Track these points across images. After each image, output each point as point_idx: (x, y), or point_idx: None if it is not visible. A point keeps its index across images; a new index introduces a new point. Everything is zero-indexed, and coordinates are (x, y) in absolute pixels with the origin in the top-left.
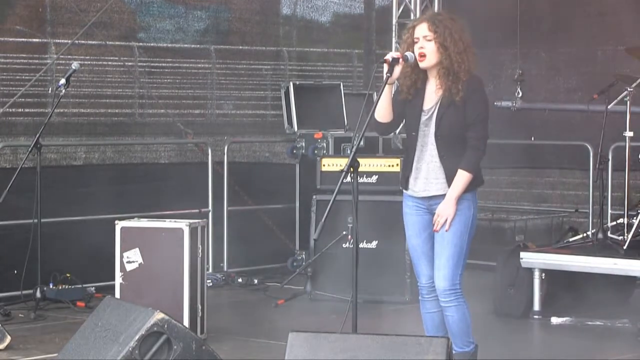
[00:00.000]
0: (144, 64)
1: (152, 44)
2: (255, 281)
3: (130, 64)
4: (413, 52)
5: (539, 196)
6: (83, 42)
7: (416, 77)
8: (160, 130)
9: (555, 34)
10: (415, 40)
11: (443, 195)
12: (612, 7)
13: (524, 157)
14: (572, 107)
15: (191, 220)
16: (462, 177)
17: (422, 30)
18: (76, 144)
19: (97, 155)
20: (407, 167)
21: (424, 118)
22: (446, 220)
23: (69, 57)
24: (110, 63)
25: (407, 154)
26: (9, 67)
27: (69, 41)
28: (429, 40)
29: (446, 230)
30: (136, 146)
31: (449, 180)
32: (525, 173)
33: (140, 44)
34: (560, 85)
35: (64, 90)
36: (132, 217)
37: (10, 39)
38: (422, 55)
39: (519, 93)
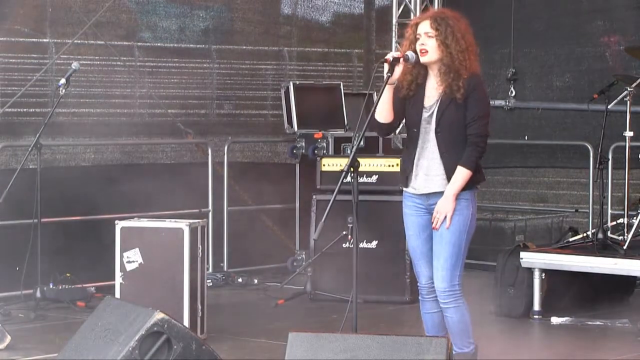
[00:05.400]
0: (146, 64)
1: (153, 44)
2: (255, 281)
3: (131, 63)
4: (415, 48)
5: (537, 196)
6: (84, 42)
7: (417, 74)
8: (161, 130)
9: (549, 32)
10: (418, 36)
11: (442, 193)
12: (607, 6)
13: (521, 157)
14: (565, 106)
15: (191, 220)
16: (461, 174)
17: (425, 27)
18: (75, 144)
19: (101, 156)
20: (407, 164)
21: (425, 115)
22: (445, 217)
23: (70, 57)
24: (112, 63)
25: (408, 151)
26: (9, 67)
27: (70, 41)
28: (431, 37)
29: (446, 228)
30: (137, 146)
31: (449, 177)
32: (522, 173)
33: (142, 43)
34: (554, 84)
35: (64, 90)
36: (132, 217)
37: (11, 39)
38: (424, 51)
39: (512, 92)
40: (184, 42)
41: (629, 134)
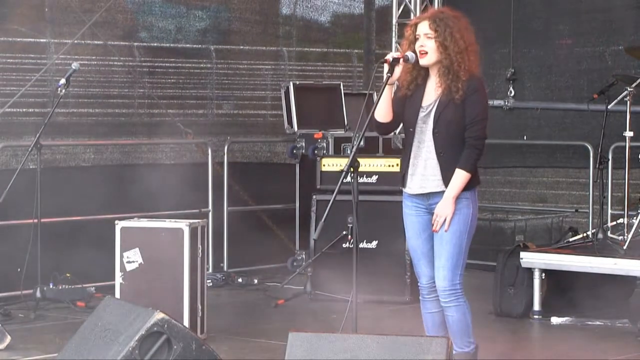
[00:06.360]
0: (145, 64)
1: (152, 44)
2: (255, 281)
3: (131, 64)
4: (414, 48)
5: (537, 196)
6: (83, 42)
7: (417, 74)
8: (161, 130)
9: (549, 32)
10: (417, 37)
11: (440, 193)
12: (606, 6)
13: (520, 157)
14: (565, 106)
15: (191, 220)
16: (460, 176)
17: (424, 28)
18: (75, 144)
19: (101, 156)
20: (404, 164)
21: (422, 114)
22: (445, 219)
23: (70, 57)
24: (109, 63)
25: (405, 151)
26: (8, 67)
27: (69, 41)
28: (430, 38)
29: (445, 230)
30: (136, 146)
31: (445, 177)
32: (521, 173)
33: (141, 44)
34: (553, 84)
35: (64, 91)
36: (132, 217)
37: (11, 39)
38: (424, 53)
39: (511, 92)
40: (182, 42)
41: (629, 134)
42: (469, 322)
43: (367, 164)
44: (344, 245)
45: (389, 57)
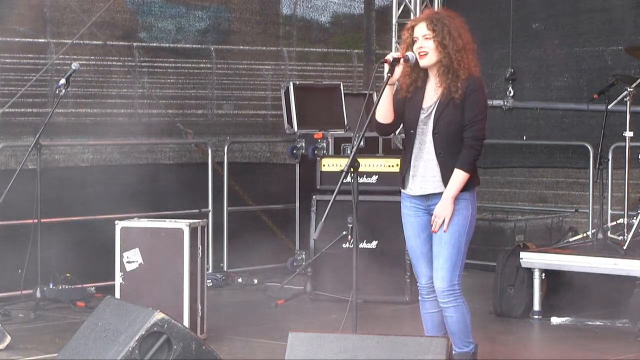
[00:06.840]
0: (145, 64)
1: (152, 44)
2: (255, 281)
3: (130, 64)
4: (412, 51)
5: (537, 196)
6: (82, 42)
7: (416, 76)
8: (161, 131)
9: (548, 32)
10: (415, 39)
11: (439, 194)
12: (606, 6)
13: (520, 157)
14: (564, 106)
15: (191, 220)
16: (458, 177)
17: (421, 29)
18: (75, 144)
19: (100, 156)
20: (405, 165)
21: (422, 116)
22: (444, 220)
23: (69, 57)
24: (108, 63)
25: (405, 152)
26: (7, 67)
27: (69, 41)
28: (428, 39)
29: (444, 231)
30: (136, 146)
31: (445, 178)
32: (521, 173)
33: (141, 44)
34: (553, 84)
35: (64, 91)
36: (132, 217)
37: (11, 39)
38: (424, 54)
39: (510, 92)
40: (182, 42)
41: (628, 134)
42: (468, 322)
43: (367, 164)
44: (344, 245)
45: (389, 57)
